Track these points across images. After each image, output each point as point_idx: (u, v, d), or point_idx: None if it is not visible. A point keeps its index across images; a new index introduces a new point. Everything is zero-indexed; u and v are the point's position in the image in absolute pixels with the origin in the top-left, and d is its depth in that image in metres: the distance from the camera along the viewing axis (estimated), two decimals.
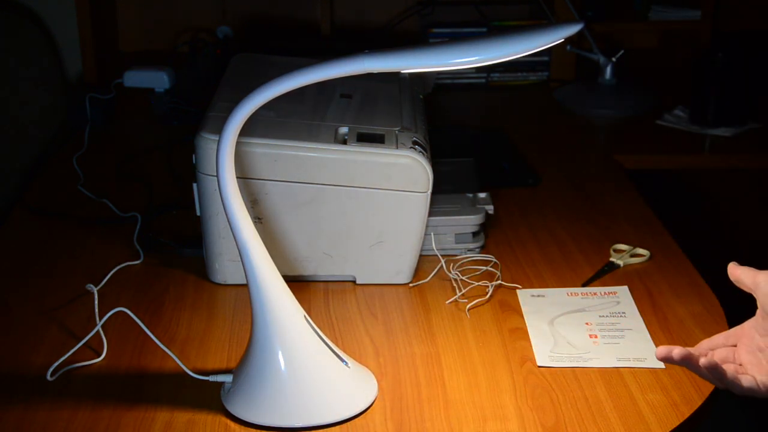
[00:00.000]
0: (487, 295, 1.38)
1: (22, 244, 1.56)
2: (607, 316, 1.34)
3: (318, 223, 1.37)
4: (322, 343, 1.15)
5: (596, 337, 1.29)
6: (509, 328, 1.31)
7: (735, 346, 1.09)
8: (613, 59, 2.21)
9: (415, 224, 1.38)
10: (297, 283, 1.38)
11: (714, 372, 1.04)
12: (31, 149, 1.96)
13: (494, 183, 1.71)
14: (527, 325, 1.31)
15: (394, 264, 1.41)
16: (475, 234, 1.49)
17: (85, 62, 2.26)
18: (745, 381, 1.04)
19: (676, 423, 1.13)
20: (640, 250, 1.49)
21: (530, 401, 1.17)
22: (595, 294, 1.39)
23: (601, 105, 2.18)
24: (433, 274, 1.44)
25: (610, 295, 1.39)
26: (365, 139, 1.36)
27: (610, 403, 1.16)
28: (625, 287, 1.41)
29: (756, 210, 2.46)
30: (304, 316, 1.14)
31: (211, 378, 1.17)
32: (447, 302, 1.38)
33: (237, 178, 1.09)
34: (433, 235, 1.46)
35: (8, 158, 1.86)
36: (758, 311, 1.05)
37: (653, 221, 1.61)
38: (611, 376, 1.21)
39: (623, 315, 1.34)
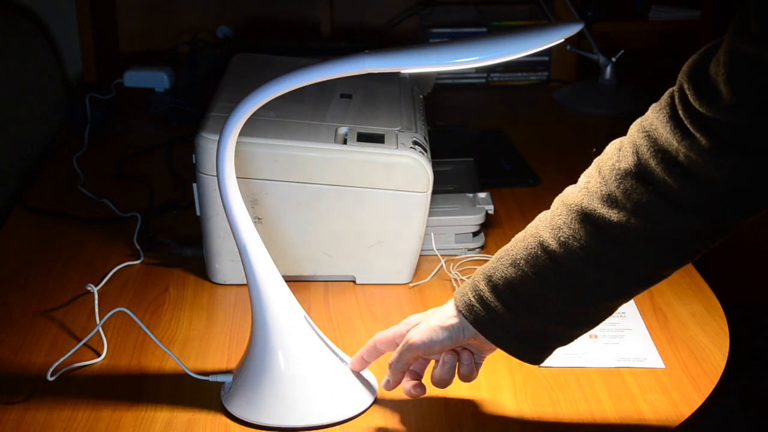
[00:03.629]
0: None
1: (22, 244, 1.56)
2: None
3: (318, 223, 1.37)
4: (322, 343, 1.15)
5: (596, 337, 1.29)
6: None
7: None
8: (613, 59, 2.21)
9: (415, 224, 1.38)
10: (297, 283, 1.38)
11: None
12: (31, 149, 1.95)
13: (494, 183, 1.71)
14: None
15: (394, 264, 1.41)
16: (475, 234, 1.49)
17: (85, 62, 2.26)
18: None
19: (676, 423, 1.13)
20: None
21: (530, 401, 1.17)
22: None
23: (601, 105, 2.17)
24: (433, 274, 1.44)
25: None
26: (365, 139, 1.36)
27: (610, 403, 1.16)
28: None
29: None
30: (304, 316, 1.14)
31: (211, 378, 1.17)
32: None
33: (237, 178, 1.09)
34: (433, 235, 1.46)
35: (8, 158, 1.86)
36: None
37: None
38: (611, 376, 1.21)
39: (623, 315, 1.34)
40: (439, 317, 1.09)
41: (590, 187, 1.02)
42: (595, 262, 1.01)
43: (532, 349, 1.07)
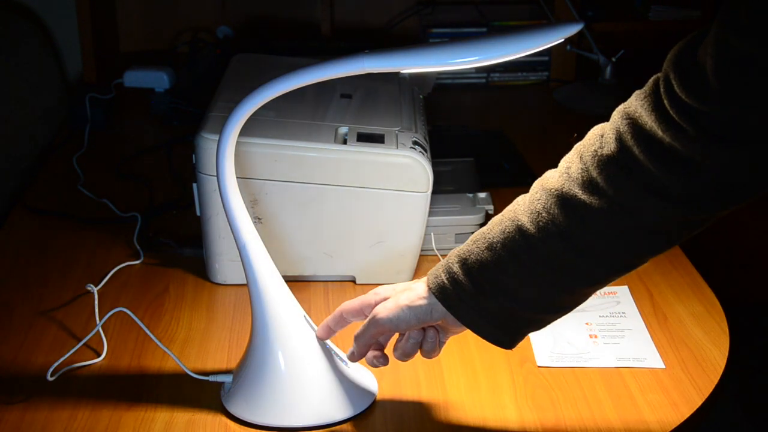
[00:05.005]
0: None
1: (22, 244, 1.56)
2: (607, 316, 1.34)
3: (318, 223, 1.37)
4: (322, 343, 1.15)
5: (596, 337, 1.29)
6: None
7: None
8: (613, 59, 2.21)
9: (415, 224, 1.38)
10: (297, 283, 1.38)
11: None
12: (31, 149, 1.95)
13: (494, 183, 1.71)
14: None
15: (394, 264, 1.41)
16: None
17: (85, 62, 2.26)
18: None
19: (676, 423, 1.13)
20: None
21: (530, 401, 1.17)
22: (595, 294, 1.39)
23: (601, 105, 2.17)
24: None
25: (610, 295, 1.39)
26: (365, 139, 1.36)
27: (610, 403, 1.16)
28: (625, 287, 1.41)
29: (756, 209, 2.46)
30: (304, 316, 1.14)
31: (211, 378, 1.17)
32: None
33: (237, 178, 1.09)
34: (433, 235, 1.46)
35: (8, 158, 1.86)
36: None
37: None
38: (611, 376, 1.21)
39: (623, 315, 1.34)
40: (408, 296, 1.08)
41: (571, 172, 1.01)
42: (572, 248, 1.00)
43: (505, 332, 1.06)
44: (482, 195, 1.52)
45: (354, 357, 1.14)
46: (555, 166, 1.05)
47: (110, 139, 1.97)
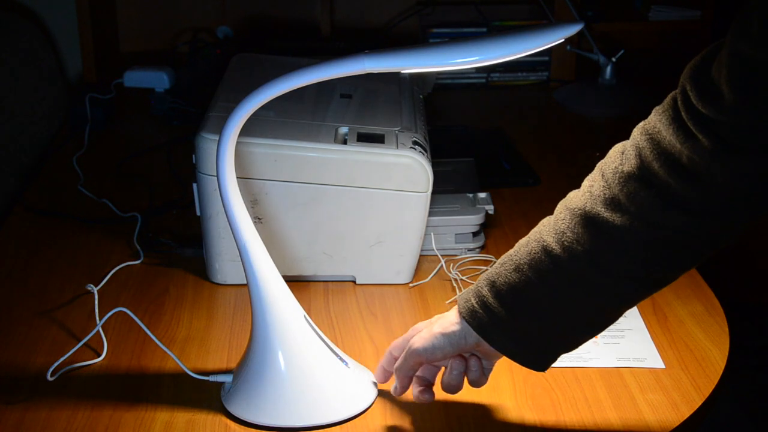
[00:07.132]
0: None
1: (22, 244, 1.56)
2: None
3: (318, 223, 1.37)
4: (322, 343, 1.15)
5: (596, 337, 1.29)
6: None
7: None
8: (613, 59, 2.21)
9: (415, 224, 1.38)
10: (297, 283, 1.38)
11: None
12: (31, 149, 1.95)
13: (494, 183, 1.71)
14: None
15: (394, 264, 1.41)
16: (475, 234, 1.49)
17: (85, 62, 2.26)
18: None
19: (676, 423, 1.13)
20: None
21: (530, 401, 1.17)
22: None
23: (601, 105, 2.17)
24: (433, 274, 1.44)
25: None
26: (365, 139, 1.36)
27: (610, 403, 1.16)
28: None
29: None
30: (304, 316, 1.14)
31: (211, 378, 1.17)
32: (447, 302, 1.38)
33: (237, 178, 1.09)
34: (433, 235, 1.46)
35: (8, 158, 1.86)
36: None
37: None
38: (611, 376, 1.21)
39: (623, 315, 1.34)
40: (441, 323, 1.09)
41: (593, 190, 1.02)
42: (599, 266, 1.00)
43: (537, 355, 1.06)
44: (482, 195, 1.52)
45: (397, 391, 1.14)
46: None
47: (110, 139, 1.97)
